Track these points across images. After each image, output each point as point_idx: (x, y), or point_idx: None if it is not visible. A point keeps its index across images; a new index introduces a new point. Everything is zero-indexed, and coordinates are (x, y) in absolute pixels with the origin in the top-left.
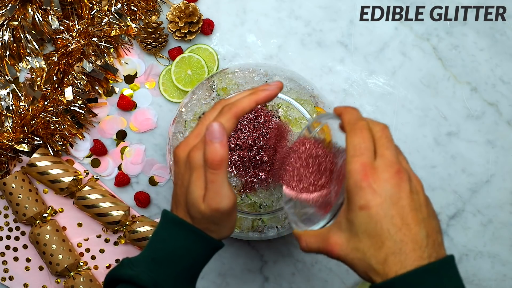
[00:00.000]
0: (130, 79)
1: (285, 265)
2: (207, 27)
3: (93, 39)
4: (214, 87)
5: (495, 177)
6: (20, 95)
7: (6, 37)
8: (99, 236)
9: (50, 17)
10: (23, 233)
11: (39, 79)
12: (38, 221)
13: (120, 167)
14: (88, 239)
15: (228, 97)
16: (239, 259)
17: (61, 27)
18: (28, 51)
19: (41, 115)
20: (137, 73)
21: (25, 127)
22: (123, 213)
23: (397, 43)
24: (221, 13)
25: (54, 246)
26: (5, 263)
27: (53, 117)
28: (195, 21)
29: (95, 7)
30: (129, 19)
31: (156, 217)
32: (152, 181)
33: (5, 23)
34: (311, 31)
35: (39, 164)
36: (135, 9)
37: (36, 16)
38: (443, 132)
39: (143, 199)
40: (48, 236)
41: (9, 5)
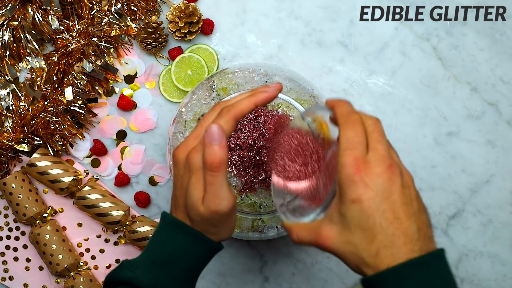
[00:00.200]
0: (130, 79)
1: (285, 265)
2: (207, 27)
3: (93, 39)
4: (214, 87)
5: (495, 177)
6: (20, 95)
7: (6, 37)
8: (99, 236)
9: (50, 17)
10: (23, 233)
11: (39, 79)
12: (38, 221)
13: (120, 167)
14: (88, 239)
15: (227, 99)
16: (239, 259)
17: (61, 27)
18: (28, 51)
19: (41, 115)
20: (137, 73)
21: (25, 127)
22: (123, 213)
23: (397, 43)
24: (221, 13)
25: (54, 246)
26: (5, 263)
27: (53, 117)
28: (195, 21)
29: (95, 7)
30: (129, 19)
31: (156, 217)
32: (152, 181)
33: (5, 23)
34: (311, 31)
35: (39, 164)
36: (135, 9)
37: (36, 16)
38: (443, 132)
39: (143, 199)
40: (48, 236)
41: (9, 5)
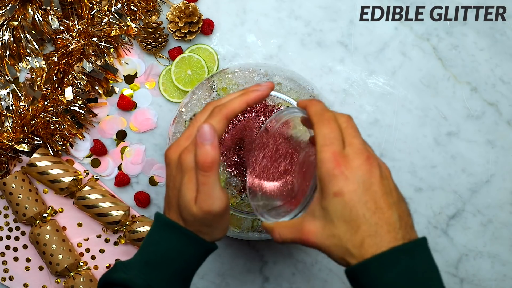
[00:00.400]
0: (130, 79)
1: (285, 265)
2: (207, 27)
3: (93, 39)
4: (214, 87)
5: (495, 177)
6: (20, 95)
7: (6, 37)
8: (99, 236)
9: (50, 17)
10: (23, 233)
11: (39, 79)
12: (38, 221)
13: (120, 167)
14: (88, 239)
15: (218, 98)
16: (239, 259)
17: (61, 27)
18: (28, 51)
19: (41, 115)
20: (137, 73)
21: (25, 127)
22: (123, 213)
23: (397, 43)
24: (221, 13)
25: (54, 246)
26: (5, 263)
27: (53, 117)
28: (195, 21)
29: (95, 7)
30: (129, 19)
31: None
32: (152, 181)
33: (5, 23)
34: (311, 31)
35: (39, 164)
36: (135, 9)
37: (36, 16)
38: (443, 132)
39: (143, 199)
40: (48, 236)
41: (9, 5)
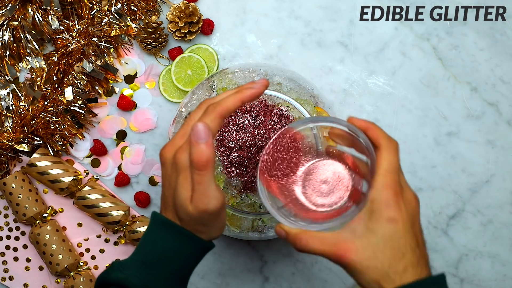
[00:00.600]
0: (130, 79)
1: (285, 265)
2: (207, 27)
3: (93, 39)
4: (214, 87)
5: (495, 177)
6: (20, 95)
7: (6, 37)
8: (99, 236)
9: (50, 17)
10: (23, 233)
11: (39, 79)
12: (38, 221)
13: (120, 167)
14: (88, 239)
15: (213, 96)
16: (239, 259)
17: (61, 27)
18: (28, 51)
19: (41, 115)
20: (137, 73)
21: (25, 127)
22: (123, 213)
23: (397, 43)
24: (221, 13)
25: (54, 246)
26: (5, 263)
27: (53, 117)
28: (195, 21)
29: (95, 7)
30: (129, 19)
31: None
32: (152, 181)
33: (5, 23)
34: (311, 31)
35: (39, 164)
36: (135, 9)
37: (36, 16)
38: (443, 132)
39: (143, 199)
40: (48, 236)
41: (9, 5)
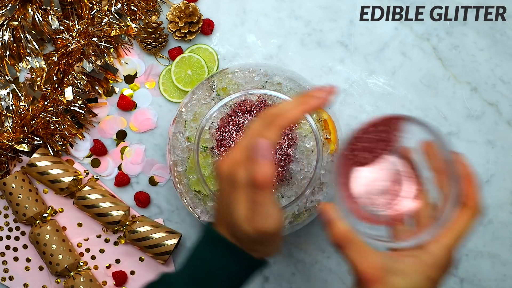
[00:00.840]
0: (130, 79)
1: (285, 265)
2: (207, 27)
3: (93, 39)
4: (214, 87)
5: (495, 177)
6: (20, 95)
7: (6, 37)
8: (99, 236)
9: (50, 17)
10: (23, 233)
11: (39, 79)
12: (38, 221)
13: (120, 167)
14: (88, 239)
15: (274, 105)
16: None
17: (61, 27)
18: (28, 51)
19: (41, 115)
20: (137, 73)
21: (25, 127)
22: (123, 213)
23: (397, 43)
24: (221, 13)
25: (54, 246)
26: (5, 263)
27: (53, 117)
28: (195, 21)
29: (95, 7)
30: (129, 19)
31: (156, 217)
32: (152, 181)
33: (5, 23)
34: (311, 31)
35: (39, 164)
36: (135, 9)
37: (36, 16)
38: (443, 132)
39: (143, 199)
40: (48, 236)
41: (9, 5)
